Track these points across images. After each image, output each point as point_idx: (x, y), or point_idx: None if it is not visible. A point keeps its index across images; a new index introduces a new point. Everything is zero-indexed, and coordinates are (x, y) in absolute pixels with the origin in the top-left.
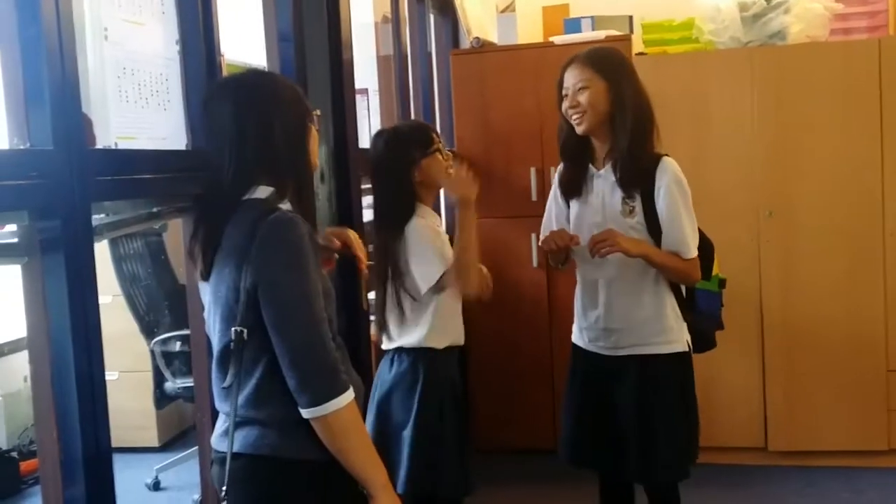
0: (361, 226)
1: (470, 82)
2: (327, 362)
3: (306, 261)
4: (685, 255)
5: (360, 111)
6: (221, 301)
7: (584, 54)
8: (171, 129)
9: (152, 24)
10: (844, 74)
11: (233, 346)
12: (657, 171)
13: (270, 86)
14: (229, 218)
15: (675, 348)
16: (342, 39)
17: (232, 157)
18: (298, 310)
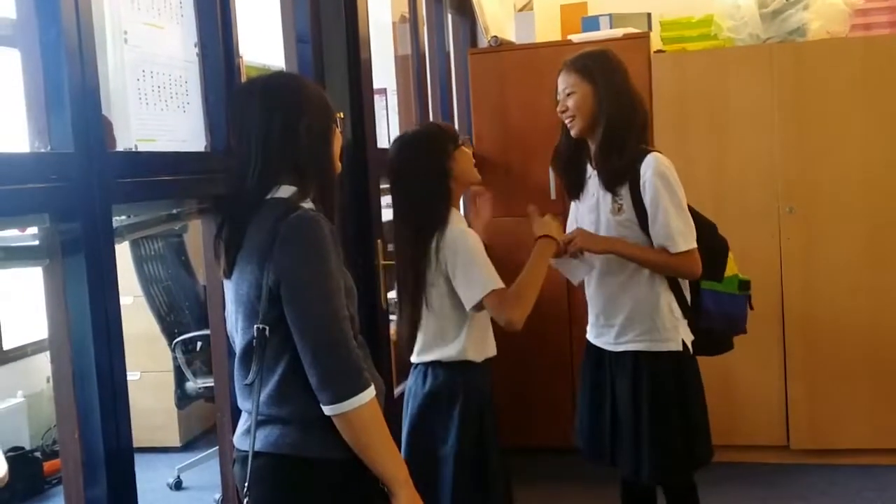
0: (380, 226)
1: (488, 81)
2: (349, 359)
3: (328, 259)
4: (673, 248)
5: (378, 111)
6: (243, 299)
7: (571, 60)
8: (190, 132)
9: (171, 27)
10: (865, 70)
11: (255, 343)
12: (642, 167)
13: (297, 88)
14: (252, 217)
15: (669, 347)
16: (360, 39)
17: (257, 156)
18: (320, 307)
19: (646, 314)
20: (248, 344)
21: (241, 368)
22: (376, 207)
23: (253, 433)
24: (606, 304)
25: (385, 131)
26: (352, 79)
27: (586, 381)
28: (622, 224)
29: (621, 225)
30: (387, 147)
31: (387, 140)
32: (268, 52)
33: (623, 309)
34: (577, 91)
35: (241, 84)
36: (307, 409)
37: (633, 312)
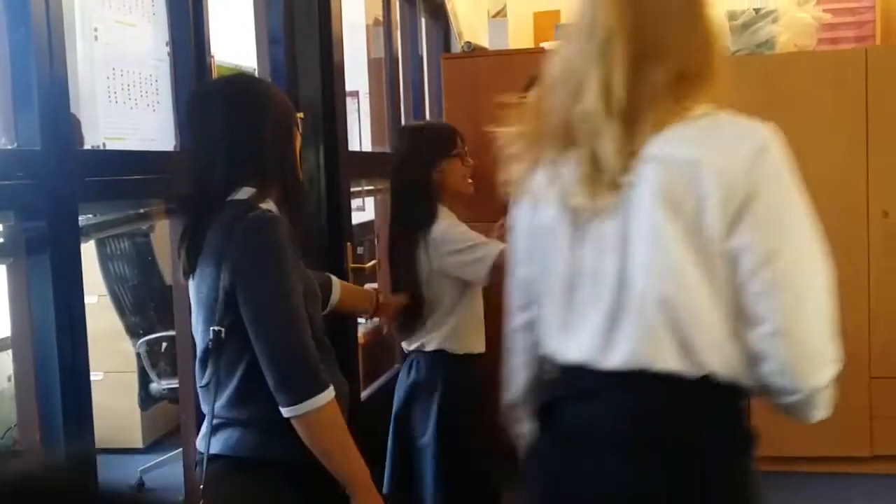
0: (350, 228)
1: (461, 86)
2: (306, 361)
3: (283, 259)
4: None
5: (350, 114)
6: (204, 301)
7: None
8: (159, 131)
9: (143, 24)
10: (832, 83)
11: (211, 345)
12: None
13: (260, 89)
14: (213, 218)
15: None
16: (333, 41)
17: (220, 158)
18: (276, 308)
19: None
20: (206, 346)
21: (200, 371)
22: (346, 210)
23: (208, 436)
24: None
25: (356, 134)
26: (324, 81)
27: None
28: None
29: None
30: (358, 150)
31: (358, 143)
32: (240, 53)
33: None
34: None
35: (201, 85)
36: (266, 412)
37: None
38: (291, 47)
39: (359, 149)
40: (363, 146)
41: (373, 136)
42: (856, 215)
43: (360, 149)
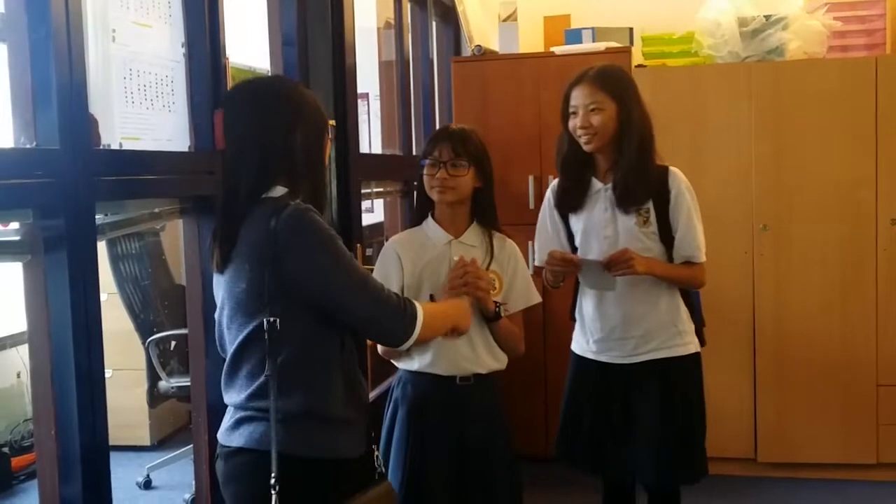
0: (360, 230)
1: (470, 89)
2: (395, 306)
3: (334, 238)
4: (697, 259)
5: (360, 116)
6: (239, 297)
7: (595, 75)
8: (175, 131)
9: (159, 26)
10: (841, 91)
11: (267, 336)
12: (669, 181)
13: (296, 94)
14: (246, 215)
15: (691, 349)
16: (346, 44)
17: (253, 159)
18: (356, 279)
19: (668, 322)
20: (245, 338)
21: (235, 363)
22: (357, 211)
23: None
24: (626, 317)
25: (367, 136)
26: (336, 83)
27: (582, 393)
28: (647, 236)
29: (646, 237)
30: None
31: (368, 145)
32: (254, 55)
33: (644, 320)
34: (603, 109)
35: (239, 84)
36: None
37: (655, 322)
38: (304, 49)
39: (369, 151)
40: (373, 148)
41: (383, 139)
42: (864, 223)
43: (370, 151)
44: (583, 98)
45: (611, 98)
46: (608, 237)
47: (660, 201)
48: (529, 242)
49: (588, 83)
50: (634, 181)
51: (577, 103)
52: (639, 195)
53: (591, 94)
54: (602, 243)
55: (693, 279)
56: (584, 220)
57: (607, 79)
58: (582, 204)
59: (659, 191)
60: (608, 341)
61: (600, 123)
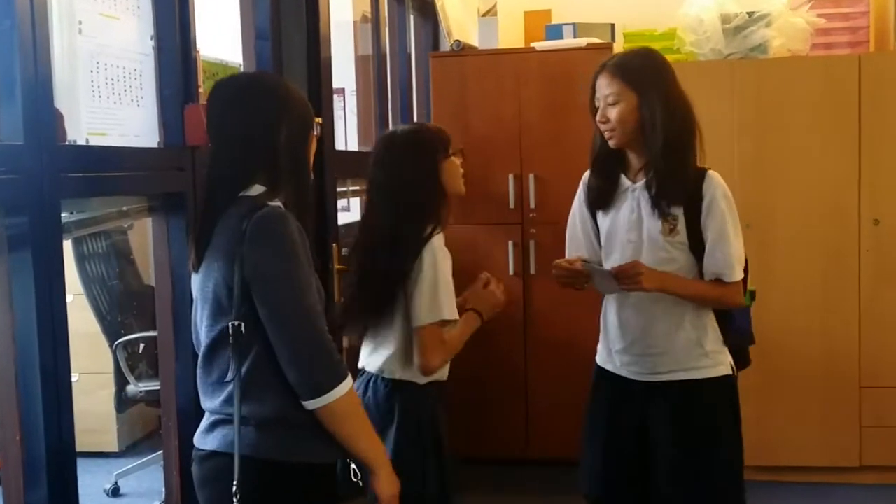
0: (336, 229)
1: (449, 85)
2: (328, 352)
3: (298, 253)
4: (729, 278)
5: (336, 111)
6: (209, 296)
7: (614, 63)
8: (143, 126)
9: (127, 18)
10: (824, 89)
11: (231, 340)
12: (704, 186)
13: (282, 91)
14: (223, 213)
15: (720, 371)
16: (321, 38)
17: (235, 155)
18: (295, 302)
19: (693, 340)
20: (213, 342)
21: (206, 366)
22: (332, 210)
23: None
24: (645, 330)
25: (342, 132)
26: (311, 78)
27: (600, 416)
28: (674, 246)
29: (672, 247)
30: (344, 149)
31: (344, 141)
32: (226, 48)
33: (666, 336)
34: (621, 101)
35: (223, 79)
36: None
37: (677, 339)
38: (278, 43)
39: (345, 147)
40: (349, 145)
41: (359, 135)
42: (847, 223)
43: (346, 148)
44: (602, 89)
45: (630, 88)
46: (632, 242)
47: (691, 208)
48: (510, 242)
49: (607, 72)
50: (662, 183)
51: (599, 95)
52: (667, 199)
53: (609, 84)
54: (625, 248)
55: (722, 299)
56: (611, 220)
57: (627, 67)
58: (610, 202)
59: (692, 196)
60: (628, 355)
61: (618, 117)
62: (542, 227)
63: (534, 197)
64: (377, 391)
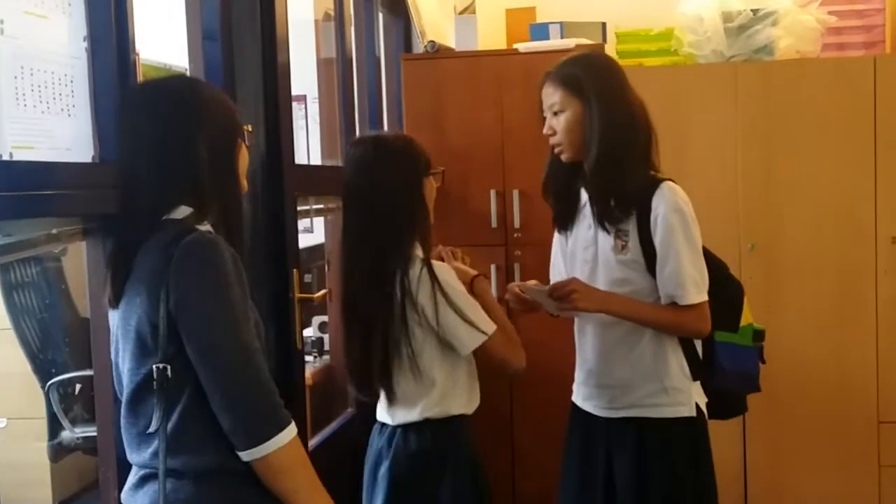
0: (296, 254)
1: (423, 91)
2: (266, 397)
3: (230, 285)
4: (682, 299)
5: (296, 121)
6: (132, 335)
7: (556, 70)
8: (75, 139)
9: (57, 16)
10: (837, 94)
11: (156, 385)
12: (653, 198)
13: (198, 94)
14: (144, 240)
15: (681, 412)
16: (277, 38)
17: (150, 173)
18: (228, 339)
19: (652, 374)
20: (137, 387)
21: (130, 414)
22: (292, 232)
23: (162, 484)
24: (601, 360)
25: (304, 144)
26: (267, 83)
27: (573, 454)
28: (626, 265)
29: (625, 265)
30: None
31: (305, 155)
32: (169, 50)
33: (623, 367)
34: (565, 109)
35: (132, 87)
36: (202, 459)
37: (635, 372)
38: (229, 44)
39: (306, 161)
40: (311, 158)
41: (322, 148)
42: (862, 242)
43: (308, 161)
44: (547, 98)
45: (573, 95)
46: (587, 261)
47: (642, 223)
48: (493, 266)
49: (550, 81)
50: (599, 198)
51: (545, 105)
52: (607, 216)
53: (553, 93)
54: (582, 268)
55: (680, 325)
56: (573, 238)
57: (568, 74)
58: (572, 220)
59: (642, 210)
60: (588, 386)
61: (563, 128)
62: (528, 249)
63: (518, 215)
64: (419, 439)
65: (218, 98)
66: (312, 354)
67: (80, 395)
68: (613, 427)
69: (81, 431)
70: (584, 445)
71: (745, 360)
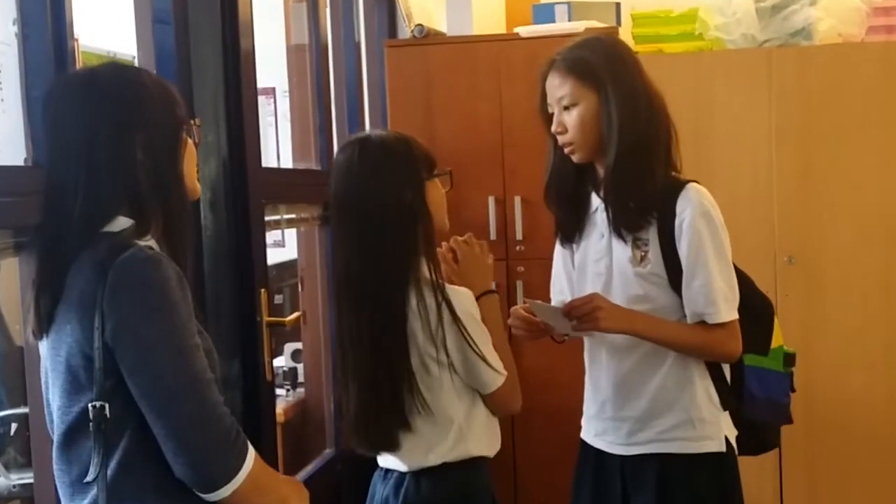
0: (265, 272)
1: (410, 82)
2: (224, 433)
3: (176, 308)
4: (713, 318)
5: (264, 117)
6: (62, 368)
7: (563, 57)
8: (4, 138)
9: None
10: (885, 83)
11: (92, 426)
12: (677, 202)
13: (132, 84)
14: (76, 258)
15: (709, 447)
16: (240, 21)
17: (80, 177)
18: (176, 371)
19: (676, 403)
20: (69, 428)
21: (63, 460)
22: (259, 246)
23: None
24: (617, 388)
25: (272, 144)
26: (228, 74)
27: (583, 498)
28: (645, 278)
29: (644, 279)
30: (274, 166)
31: (275, 156)
32: (114, 36)
33: (642, 396)
34: (577, 102)
35: (58, 78)
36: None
37: (657, 401)
38: (184, 29)
39: (275, 164)
40: (282, 161)
41: (294, 148)
42: None
43: (278, 164)
44: (554, 90)
45: (586, 85)
46: (600, 275)
47: (664, 231)
48: (493, 284)
49: (555, 69)
50: (617, 201)
51: (550, 98)
52: (626, 222)
53: (560, 84)
54: (595, 283)
55: (710, 347)
56: (582, 249)
57: (579, 60)
58: (581, 229)
59: (664, 216)
60: (601, 420)
61: (576, 124)
62: (532, 264)
63: (520, 226)
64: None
65: (159, 85)
66: (284, 387)
67: (16, 436)
68: (631, 465)
69: (17, 478)
70: (597, 487)
71: (775, 387)
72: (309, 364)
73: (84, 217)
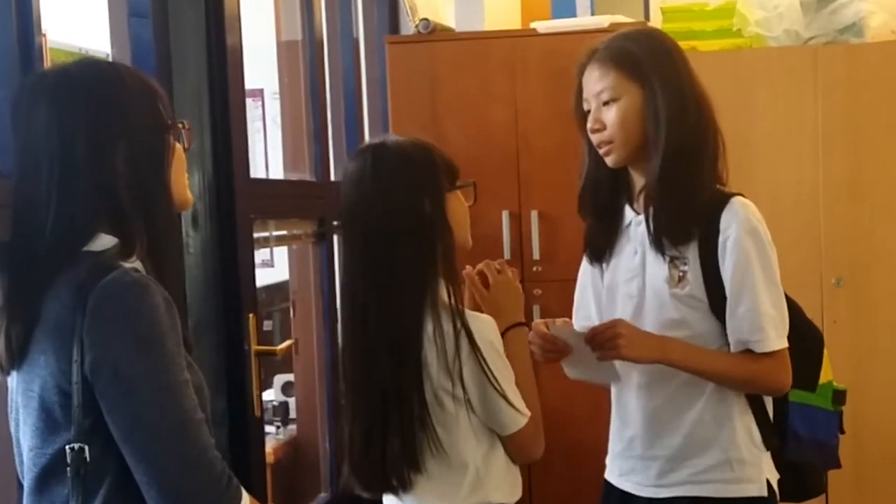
0: (253, 295)
1: (414, 83)
2: (215, 481)
3: (164, 339)
4: (761, 346)
5: (252, 122)
6: (35, 405)
7: (606, 47)
8: None
9: None
10: None
11: (70, 471)
12: (722, 217)
13: (110, 83)
14: (53, 281)
15: (749, 490)
16: (226, 16)
17: (52, 190)
18: (163, 410)
19: (713, 441)
20: (43, 471)
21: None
22: (247, 267)
23: None
24: (648, 423)
25: (261, 151)
26: (213, 73)
27: None
28: (682, 301)
29: (681, 302)
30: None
31: (263, 165)
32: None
33: (676, 432)
34: (619, 97)
35: (26, 78)
36: None
37: (692, 438)
38: (163, 23)
39: (264, 175)
40: (271, 171)
41: (286, 156)
42: None
43: (267, 175)
44: (592, 84)
45: (630, 79)
46: (632, 296)
47: (706, 248)
48: None
49: (598, 61)
50: (661, 211)
51: (587, 95)
52: (670, 235)
53: (601, 76)
54: (625, 306)
55: (756, 379)
56: (612, 268)
57: (623, 51)
58: (612, 245)
59: (707, 231)
60: (628, 458)
61: (617, 120)
62: (550, 287)
63: (538, 244)
64: None
65: (142, 84)
66: (275, 424)
67: None
68: None
69: None
70: None
71: (823, 427)
72: (301, 398)
73: (58, 235)
